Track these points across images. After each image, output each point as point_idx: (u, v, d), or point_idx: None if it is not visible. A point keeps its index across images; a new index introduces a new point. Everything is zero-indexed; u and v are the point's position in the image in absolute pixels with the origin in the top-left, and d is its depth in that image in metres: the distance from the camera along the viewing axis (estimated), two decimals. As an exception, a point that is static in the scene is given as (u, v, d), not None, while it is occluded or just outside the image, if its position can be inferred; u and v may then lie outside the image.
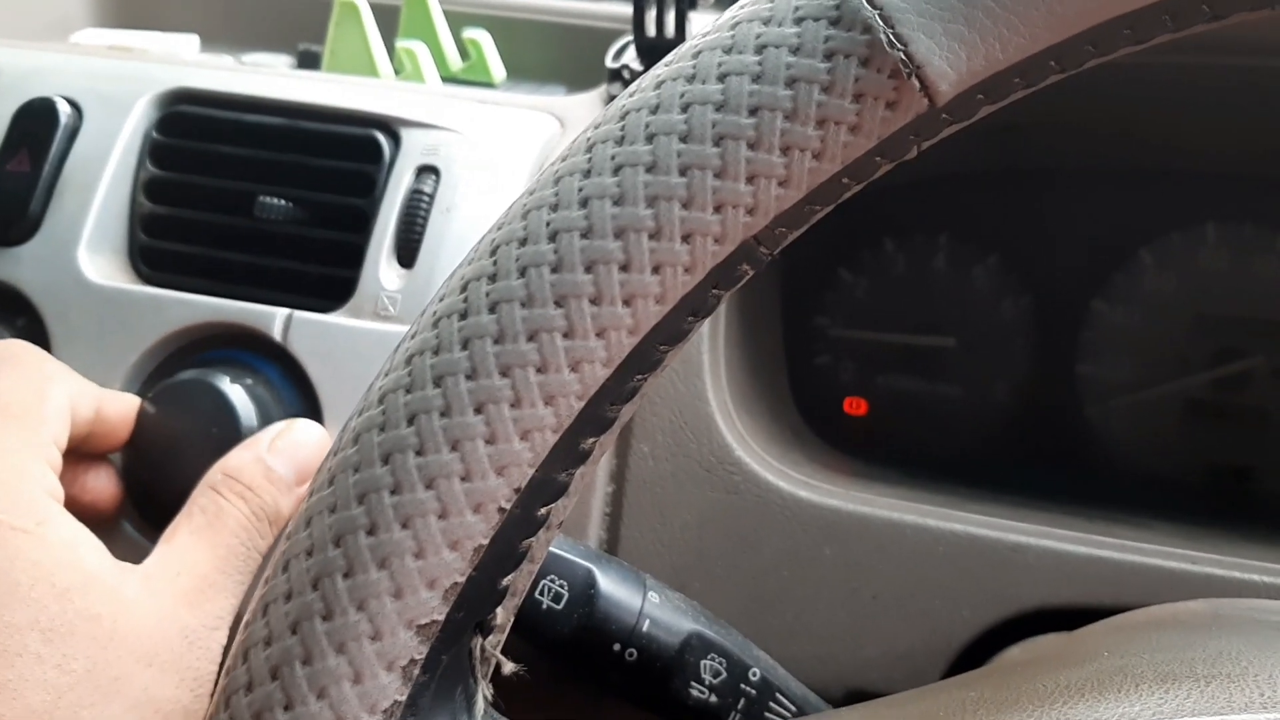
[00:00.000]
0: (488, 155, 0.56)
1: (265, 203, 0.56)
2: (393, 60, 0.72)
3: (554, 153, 0.56)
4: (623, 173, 0.25)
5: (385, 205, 0.55)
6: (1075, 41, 0.24)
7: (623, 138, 0.25)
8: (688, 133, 0.25)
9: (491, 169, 0.55)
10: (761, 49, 0.25)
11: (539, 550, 0.27)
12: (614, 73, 0.63)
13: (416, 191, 0.55)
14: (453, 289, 0.26)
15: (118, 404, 0.48)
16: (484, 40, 0.75)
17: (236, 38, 0.84)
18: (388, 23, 0.75)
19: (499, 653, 0.28)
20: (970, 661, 0.49)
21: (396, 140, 0.56)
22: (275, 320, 0.53)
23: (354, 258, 0.54)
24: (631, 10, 0.58)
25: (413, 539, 0.24)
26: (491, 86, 0.74)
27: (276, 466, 0.44)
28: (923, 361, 0.70)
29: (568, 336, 0.25)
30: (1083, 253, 0.69)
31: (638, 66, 0.62)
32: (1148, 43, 0.25)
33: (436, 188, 0.55)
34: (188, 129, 0.58)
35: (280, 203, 0.56)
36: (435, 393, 0.25)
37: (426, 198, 0.54)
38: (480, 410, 0.24)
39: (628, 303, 0.25)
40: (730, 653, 0.39)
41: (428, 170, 0.55)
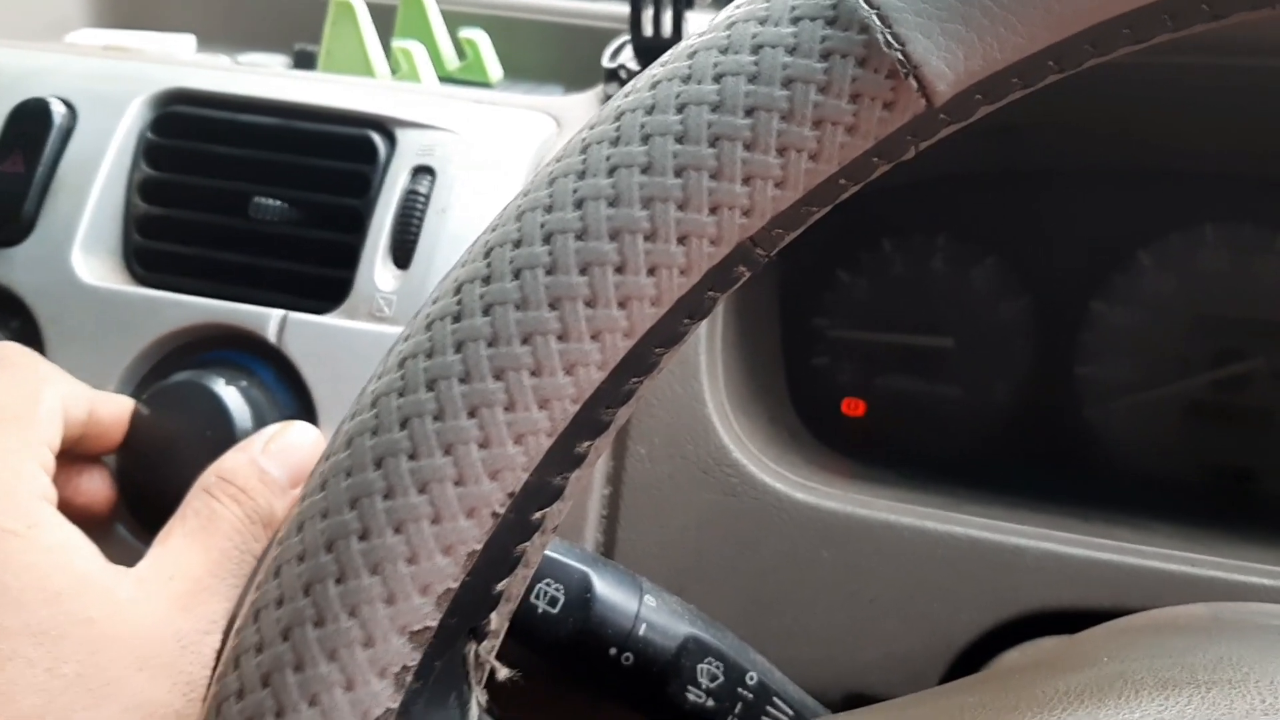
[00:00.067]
0: (484, 155, 0.55)
1: (260, 203, 0.56)
2: (389, 60, 0.72)
3: (550, 153, 0.56)
4: (618, 174, 0.25)
5: (380, 206, 0.54)
6: (1074, 41, 0.24)
7: (618, 139, 0.25)
8: (683, 133, 0.24)
9: (487, 169, 0.55)
10: (758, 49, 0.25)
11: (534, 555, 0.27)
12: (611, 72, 0.63)
13: (412, 192, 0.54)
14: (446, 291, 0.26)
15: (111, 406, 0.48)
16: (481, 40, 0.74)
17: (233, 38, 0.84)
18: (384, 22, 0.74)
19: (494, 658, 0.28)
20: (969, 664, 0.49)
21: (392, 140, 0.56)
22: (270, 321, 0.53)
23: (349, 258, 0.54)
24: (629, 10, 0.58)
25: (405, 544, 0.24)
26: (488, 86, 0.74)
27: (271, 469, 0.44)
28: (921, 362, 0.70)
29: (562, 339, 0.24)
30: (1082, 253, 0.68)
31: (635, 66, 0.62)
32: (1147, 42, 0.25)
33: (432, 188, 0.55)
34: (182, 129, 0.58)
35: (275, 203, 0.55)
36: (428, 396, 0.24)
37: (422, 198, 0.54)
38: (473, 414, 0.24)
39: (623, 305, 0.25)
40: (727, 656, 0.39)
41: (423, 170, 0.55)
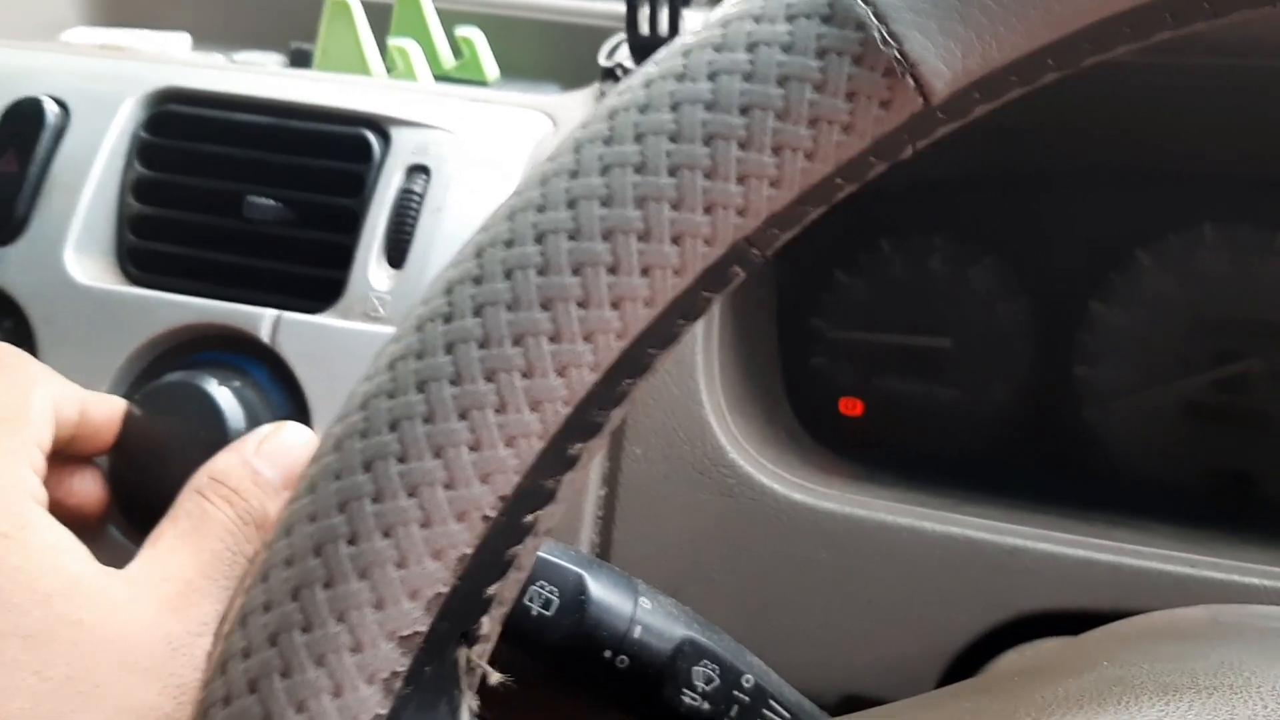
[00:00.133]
0: (479, 154, 0.55)
1: (254, 203, 0.55)
2: (385, 59, 0.72)
3: (546, 152, 0.55)
4: (611, 173, 0.24)
5: (375, 205, 0.54)
6: (1074, 39, 0.24)
7: (611, 137, 0.25)
8: (677, 132, 0.24)
9: (483, 168, 0.55)
10: (753, 47, 0.24)
11: (526, 558, 0.27)
12: (607, 71, 0.62)
13: (407, 191, 0.54)
14: (437, 292, 0.25)
15: (103, 406, 0.47)
16: (477, 38, 0.74)
17: (228, 36, 0.84)
18: (380, 21, 0.74)
19: (485, 663, 0.27)
20: (967, 666, 0.48)
21: (386, 139, 0.56)
22: (263, 321, 0.53)
23: (343, 258, 0.54)
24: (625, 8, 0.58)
25: (394, 548, 0.23)
26: (484, 85, 0.73)
27: (263, 470, 0.44)
28: (919, 363, 0.69)
29: (554, 341, 0.24)
30: (1080, 254, 0.68)
31: (631, 65, 0.61)
32: (1147, 40, 0.24)
33: (427, 187, 0.54)
34: (176, 128, 0.58)
35: (269, 203, 0.55)
36: (418, 398, 0.24)
37: (417, 197, 0.54)
38: (464, 416, 0.24)
39: (616, 306, 0.24)
40: (723, 659, 0.39)
41: (418, 169, 0.55)
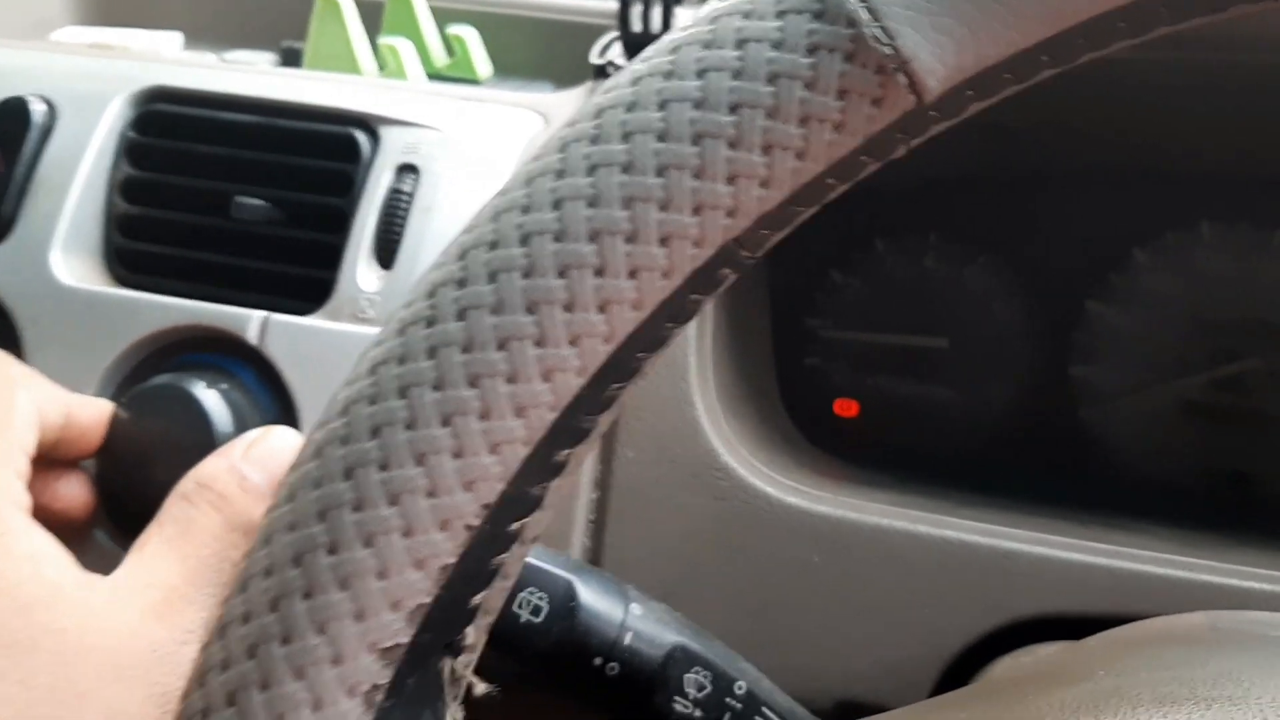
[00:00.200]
0: (469, 153, 0.55)
1: (242, 203, 0.55)
2: (376, 57, 0.71)
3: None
4: (597, 173, 0.24)
5: (364, 205, 0.54)
6: (1068, 35, 0.23)
7: (597, 136, 0.24)
8: (665, 131, 0.24)
9: (473, 167, 0.54)
10: (742, 44, 0.24)
11: (512, 566, 0.26)
12: (600, 69, 0.62)
13: (396, 191, 0.53)
14: (420, 295, 0.25)
15: (88, 409, 0.47)
16: (469, 37, 0.73)
17: (220, 35, 0.83)
18: (373, 19, 0.74)
19: (471, 672, 0.27)
20: (962, 671, 0.48)
21: (376, 138, 0.55)
22: (251, 323, 0.52)
23: (332, 259, 0.53)
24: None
25: (375, 558, 0.23)
26: (477, 83, 0.73)
27: (251, 475, 0.43)
28: (915, 363, 0.69)
29: (539, 345, 0.24)
30: (1077, 253, 0.68)
31: (624, 63, 0.61)
32: (1144, 36, 0.24)
33: (416, 187, 0.54)
34: (164, 128, 0.57)
35: (257, 203, 0.55)
36: (400, 404, 0.23)
37: (406, 197, 0.53)
38: (447, 423, 0.23)
39: (602, 309, 0.24)
40: (715, 665, 0.38)
41: (407, 169, 0.54)
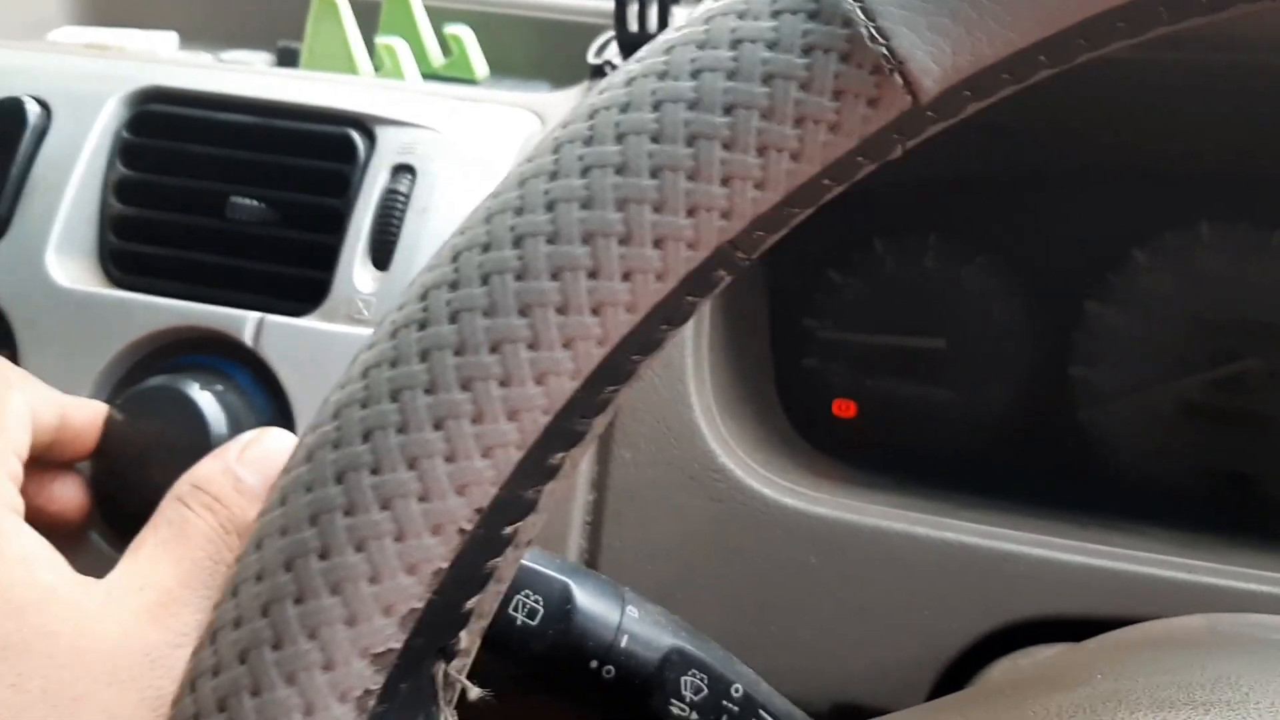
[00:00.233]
0: (465, 153, 0.54)
1: (238, 203, 0.55)
2: (372, 57, 0.71)
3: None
4: (591, 174, 0.24)
5: (360, 205, 0.53)
6: (1066, 35, 0.23)
7: (591, 137, 0.24)
8: (659, 132, 0.23)
9: (469, 167, 0.54)
10: (736, 44, 0.24)
11: (506, 570, 0.26)
12: (596, 69, 0.62)
13: (392, 191, 0.53)
14: (412, 297, 0.25)
15: (83, 411, 0.47)
16: (466, 36, 0.73)
17: (217, 35, 0.83)
18: (369, 19, 0.73)
19: (465, 676, 0.27)
20: (960, 673, 0.48)
21: (371, 139, 0.55)
22: (246, 324, 0.52)
23: (328, 259, 0.53)
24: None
25: (367, 563, 0.23)
26: (474, 83, 0.73)
27: (246, 478, 0.43)
28: (913, 364, 0.69)
29: (532, 348, 0.23)
30: (1076, 253, 0.68)
31: (620, 62, 0.60)
32: (1142, 36, 0.24)
33: (412, 187, 0.54)
34: (159, 128, 0.57)
35: (253, 203, 0.54)
36: (392, 408, 0.23)
37: (402, 197, 0.53)
38: (439, 426, 0.23)
39: (596, 312, 0.24)
40: (712, 668, 0.38)
41: (403, 169, 0.54)
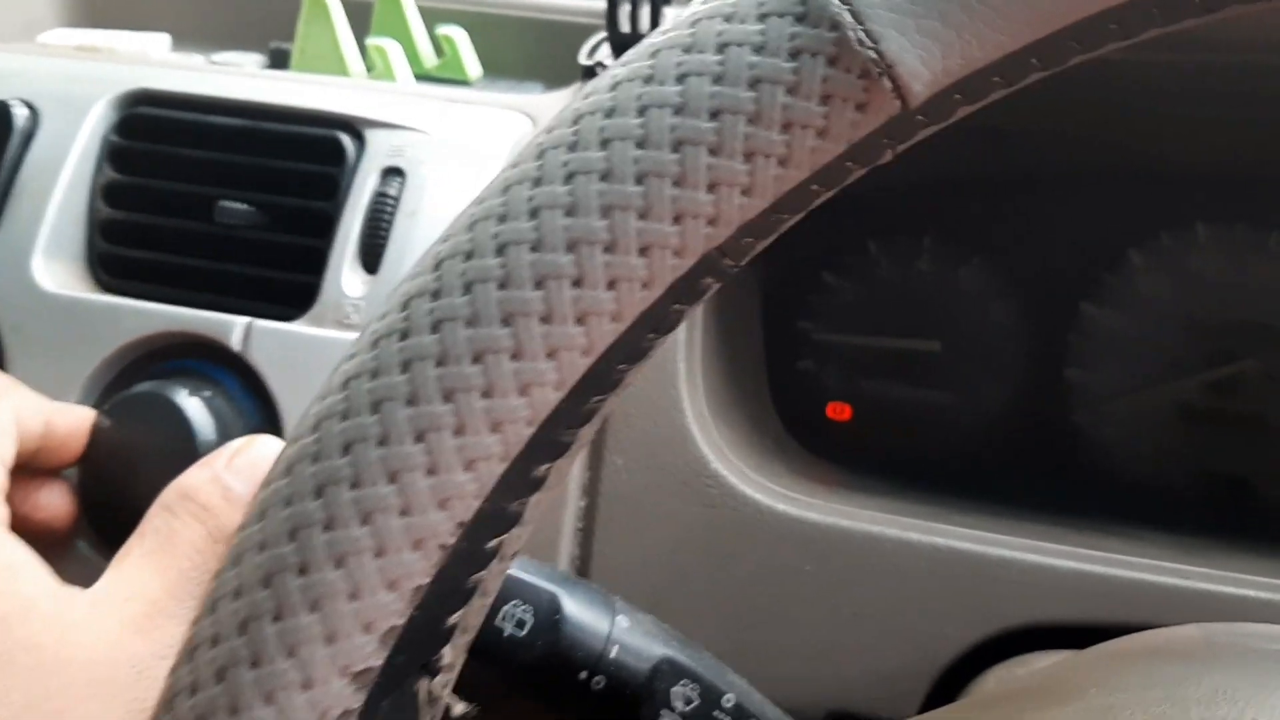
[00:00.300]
0: (456, 156, 0.54)
1: (226, 207, 0.54)
2: (364, 58, 0.71)
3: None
4: (575, 181, 0.23)
5: (349, 209, 0.53)
6: (1058, 38, 0.23)
7: (576, 143, 0.24)
8: (644, 138, 0.23)
9: (460, 170, 0.53)
10: (723, 48, 0.23)
11: (491, 584, 0.26)
12: (588, 70, 0.61)
13: (381, 194, 0.53)
14: (394, 306, 0.24)
15: (69, 418, 0.46)
16: (459, 37, 0.73)
17: (209, 37, 0.82)
18: (361, 20, 0.73)
19: (449, 692, 0.26)
20: (955, 680, 0.47)
21: (361, 141, 0.55)
22: (235, 329, 0.52)
23: (316, 263, 0.53)
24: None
25: (346, 579, 0.22)
26: (466, 84, 0.72)
27: (234, 486, 0.42)
28: (908, 366, 0.68)
29: (516, 358, 0.23)
30: (1071, 255, 0.67)
31: (611, 64, 0.60)
32: (1135, 38, 0.23)
33: (402, 190, 0.53)
34: (147, 131, 0.57)
35: (241, 207, 0.54)
36: (372, 420, 0.23)
37: (391, 200, 0.53)
38: (420, 439, 0.23)
39: (581, 321, 0.23)
40: (703, 678, 0.38)
41: (393, 172, 0.54)
